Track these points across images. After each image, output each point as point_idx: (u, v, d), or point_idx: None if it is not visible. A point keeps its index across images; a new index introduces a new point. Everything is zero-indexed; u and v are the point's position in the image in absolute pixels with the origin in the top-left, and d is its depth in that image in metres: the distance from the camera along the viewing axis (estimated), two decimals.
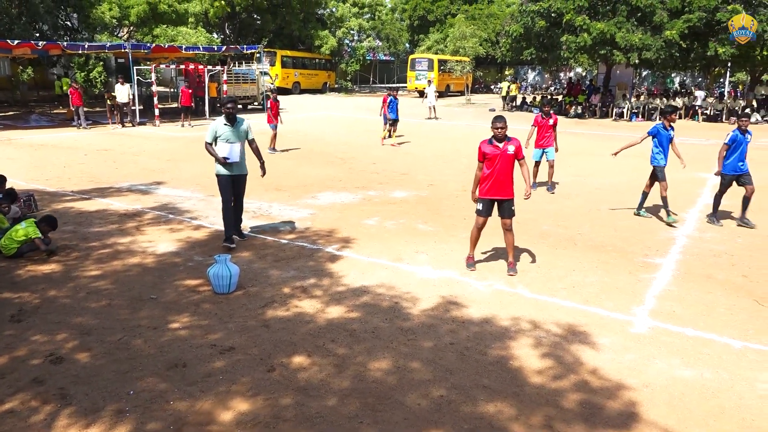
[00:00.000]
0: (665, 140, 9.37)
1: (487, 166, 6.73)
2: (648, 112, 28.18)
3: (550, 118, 11.27)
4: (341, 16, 48.27)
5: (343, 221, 9.05)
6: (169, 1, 29.21)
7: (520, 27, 28.91)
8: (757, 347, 5.12)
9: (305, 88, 43.99)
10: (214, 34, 41.68)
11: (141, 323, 5.45)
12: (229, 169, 7.57)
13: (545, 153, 11.39)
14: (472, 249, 7.08)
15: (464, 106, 35.73)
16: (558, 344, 5.13)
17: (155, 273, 6.77)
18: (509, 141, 6.67)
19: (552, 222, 9.21)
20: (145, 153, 15.88)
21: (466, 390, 4.37)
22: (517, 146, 6.70)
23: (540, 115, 11.39)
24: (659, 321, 5.62)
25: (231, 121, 7.49)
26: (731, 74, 39.48)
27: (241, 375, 4.55)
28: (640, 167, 14.37)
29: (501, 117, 6.72)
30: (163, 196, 10.69)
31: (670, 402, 4.27)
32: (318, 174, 13.01)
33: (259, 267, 6.99)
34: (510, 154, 6.66)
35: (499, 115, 6.79)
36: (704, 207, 10.26)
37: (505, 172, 6.72)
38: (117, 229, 8.52)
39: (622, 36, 25.03)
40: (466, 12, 51.97)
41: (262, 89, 28.64)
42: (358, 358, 4.84)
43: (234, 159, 7.54)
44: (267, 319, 5.58)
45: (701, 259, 7.53)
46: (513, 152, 6.66)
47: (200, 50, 26.41)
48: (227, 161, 7.47)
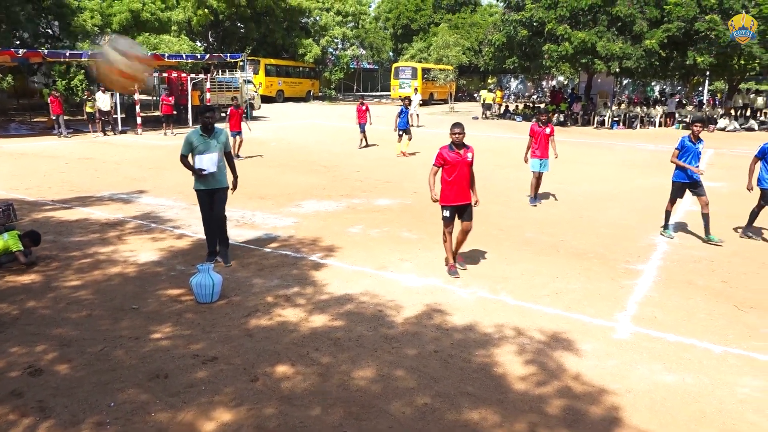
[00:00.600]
0: (692, 154, 8.64)
1: (448, 172, 6.88)
2: (629, 120, 28.52)
3: (546, 128, 10.91)
4: (325, 25, 48.35)
5: (327, 229, 9.04)
6: (151, 9, 29.09)
7: (503, 36, 29.18)
8: (737, 352, 5.18)
9: (289, 97, 43.96)
10: (198, 42, 41.53)
11: (122, 334, 5.39)
12: (204, 183, 7.11)
13: (542, 164, 10.95)
14: (450, 256, 7.12)
15: (448, 114, 35.89)
16: (541, 351, 5.16)
17: (137, 283, 6.70)
18: (467, 148, 6.91)
19: (535, 229, 9.27)
20: (127, 161, 15.76)
21: (451, 397, 4.37)
22: (474, 153, 6.97)
23: (536, 124, 11.02)
24: (641, 327, 5.67)
25: (208, 131, 7.06)
26: (710, 83, 40.18)
27: (223, 385, 4.51)
28: (622, 176, 14.55)
29: (459, 123, 6.89)
30: (146, 205, 10.61)
31: (653, 407, 4.30)
32: (302, 182, 12.98)
33: (243, 276, 6.96)
34: (469, 161, 6.88)
35: (458, 122, 6.95)
36: (685, 214, 10.40)
37: (466, 178, 6.93)
38: (98, 239, 8.44)
39: (603, 45, 25.36)
40: (449, 21, 52.39)
41: (245, 97, 28.58)
42: (342, 366, 4.82)
43: (210, 170, 7.03)
44: (250, 328, 5.54)
45: (682, 265, 7.61)
46: (471, 159, 6.90)
47: (183, 58, 26.30)
48: (203, 173, 7.01)
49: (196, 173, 7.05)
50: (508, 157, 17.44)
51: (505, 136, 23.99)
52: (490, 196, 11.65)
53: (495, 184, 13.08)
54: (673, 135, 25.24)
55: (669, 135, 25.16)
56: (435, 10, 56.26)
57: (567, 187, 12.79)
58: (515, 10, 29.55)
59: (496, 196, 11.76)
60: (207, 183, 7.12)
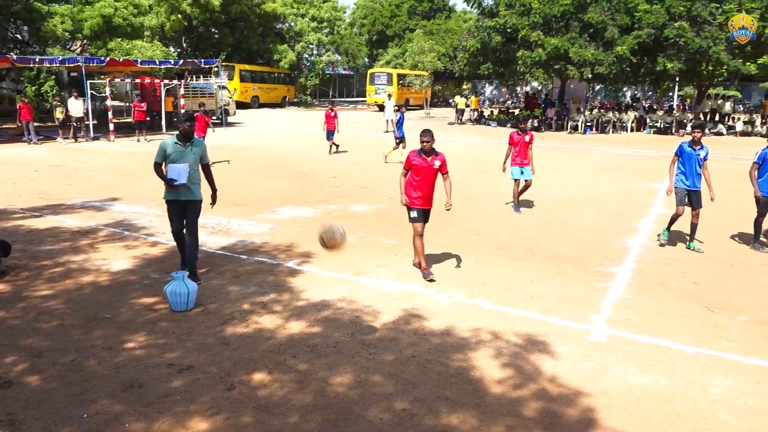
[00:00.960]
0: (689, 160, 8.43)
1: (415, 175, 6.99)
2: (601, 125, 28.95)
3: (526, 135, 10.81)
4: (300, 31, 48.31)
5: (304, 235, 9.00)
6: (124, 15, 28.72)
7: (477, 42, 29.45)
8: (709, 353, 5.27)
9: (264, 102, 43.78)
10: (171, 47, 41.13)
11: (95, 343, 5.30)
12: (176, 194, 6.73)
13: (522, 171, 10.84)
14: (423, 259, 7.17)
15: (423, 119, 36.05)
16: (518, 354, 5.19)
17: (110, 291, 6.60)
18: (436, 156, 6.98)
19: (511, 234, 9.34)
20: (100, 168, 15.52)
21: (429, 402, 4.38)
22: (443, 161, 7.01)
23: (516, 132, 10.88)
24: (615, 329, 5.75)
25: (185, 139, 6.74)
26: (679, 88, 40.97)
27: (199, 394, 4.45)
28: (596, 180, 14.75)
29: (427, 131, 6.95)
30: (118, 213, 10.46)
31: (627, 408, 4.36)
32: (278, 188, 12.92)
33: (218, 283, 6.89)
34: (435, 168, 6.98)
35: (426, 129, 7.02)
36: (656, 217, 10.57)
37: (431, 185, 7.06)
38: (69, 247, 8.29)
39: (576, 51, 25.75)
40: (424, 27, 52.70)
41: (220, 103, 28.40)
42: (320, 373, 4.80)
43: (181, 181, 6.67)
44: (226, 336, 5.49)
45: (654, 267, 7.73)
46: (438, 167, 6.99)
47: (156, 64, 26.03)
48: (174, 183, 6.66)
49: (168, 183, 6.72)
50: (484, 162, 17.58)
51: (481, 141, 24.19)
52: (465, 201, 11.73)
53: (471, 189, 13.16)
54: (644, 139, 25.70)
55: (641, 139, 25.60)
56: (410, 16, 56.60)
57: (541, 191, 12.92)
58: (489, 16, 29.85)
59: (472, 201, 11.84)
60: (178, 194, 6.75)
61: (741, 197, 11.61)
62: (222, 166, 15.97)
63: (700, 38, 24.83)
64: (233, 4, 40.37)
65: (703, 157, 8.37)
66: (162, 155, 6.71)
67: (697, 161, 8.37)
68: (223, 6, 39.31)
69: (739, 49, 25.78)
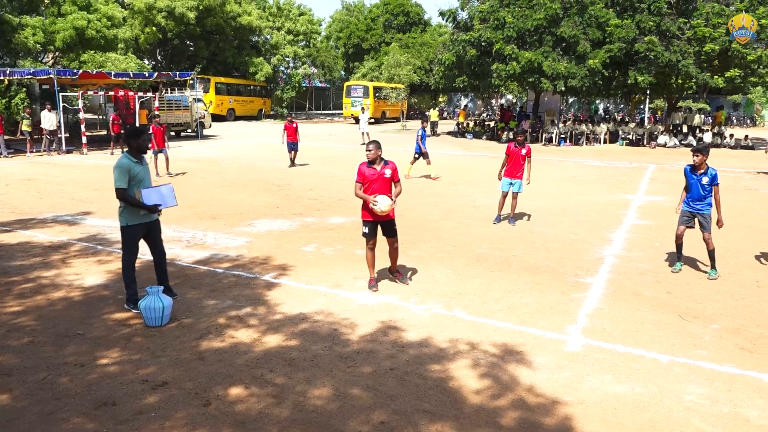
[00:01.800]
0: (691, 185, 7.94)
1: (366, 188, 6.95)
2: (575, 137, 29.36)
3: (522, 148, 10.66)
4: (276, 44, 48.36)
5: (280, 248, 8.95)
6: (97, 27, 28.44)
7: (453, 55, 29.72)
8: (683, 360, 5.35)
9: (240, 115, 43.64)
10: (146, 60, 40.88)
11: (67, 360, 5.19)
12: (144, 217, 6.30)
13: (512, 184, 10.81)
14: (371, 271, 7.21)
15: (400, 132, 36.22)
16: (495, 365, 5.21)
17: (82, 307, 6.47)
18: (386, 164, 6.98)
19: (487, 245, 9.40)
20: (72, 182, 15.28)
21: (407, 415, 4.36)
22: (393, 169, 6.99)
23: (513, 144, 10.76)
24: (591, 339, 5.80)
25: (140, 156, 6.30)
26: (650, 101, 41.80)
27: (174, 410, 4.38)
28: (570, 191, 14.91)
29: (372, 141, 7.01)
30: (91, 227, 10.29)
31: (604, 417, 4.39)
32: (254, 201, 12.84)
33: (194, 297, 6.81)
34: (386, 177, 6.95)
35: (372, 140, 7.08)
36: (630, 227, 10.72)
37: (385, 194, 6.94)
38: (41, 263, 8.13)
39: (549, 64, 26.13)
40: (399, 40, 53.09)
41: (196, 116, 28.21)
42: (298, 387, 4.76)
43: (169, 204, 6.39)
44: (202, 350, 5.42)
45: (629, 277, 7.83)
46: (389, 175, 6.96)
47: (130, 76, 25.79)
48: (159, 209, 6.31)
49: (152, 210, 6.25)
50: (461, 173, 17.68)
51: (458, 153, 24.34)
52: (442, 213, 11.78)
53: (448, 201, 13.23)
54: (617, 151, 26.11)
55: (613, 151, 26.01)
56: (385, 29, 57.01)
57: (519, 202, 13.01)
58: (464, 30, 30.18)
59: (448, 212, 11.90)
60: (146, 216, 6.32)
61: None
62: (200, 178, 15.84)
63: (669, 52, 25.39)
64: (208, 16, 40.29)
65: (707, 183, 7.75)
66: (126, 178, 6.10)
67: (700, 186, 7.79)
68: (198, 19, 39.21)
69: (707, 62, 26.39)
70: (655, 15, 25.89)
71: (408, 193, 13.74)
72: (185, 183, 15.19)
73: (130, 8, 37.77)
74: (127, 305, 6.38)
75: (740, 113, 49.89)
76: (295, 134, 18.67)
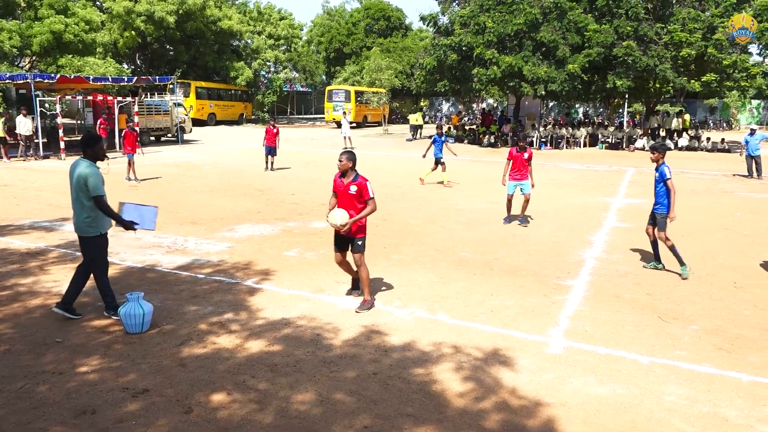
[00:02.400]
0: (655, 181, 8.17)
1: (336, 197, 6.65)
2: (555, 141, 29.62)
3: (524, 152, 11.14)
4: (257, 48, 48.20)
5: (262, 254, 8.90)
6: (74, 31, 28.11)
7: (434, 60, 29.84)
8: (663, 362, 5.41)
9: (221, 120, 43.41)
10: (125, 64, 40.52)
11: (45, 369, 5.11)
12: (107, 224, 6.17)
13: (520, 186, 11.20)
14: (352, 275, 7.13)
15: (382, 136, 36.27)
16: (478, 367, 5.22)
17: (61, 315, 6.37)
18: (354, 180, 6.48)
19: (470, 249, 9.43)
20: (50, 188, 15.06)
21: (391, 419, 4.36)
22: (360, 186, 6.45)
23: (515, 148, 11.25)
24: (573, 341, 5.84)
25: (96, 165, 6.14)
26: (629, 105, 42.33)
27: (156, 418, 4.33)
28: (551, 194, 15.03)
29: (345, 152, 6.63)
30: (70, 233, 10.14)
31: (586, 419, 4.42)
32: (235, 206, 12.77)
33: (175, 303, 6.74)
34: (351, 194, 6.48)
35: (344, 151, 6.73)
36: (610, 230, 10.83)
37: (348, 209, 6.51)
38: (18, 270, 8.00)
39: (529, 69, 26.35)
40: (381, 45, 53.21)
41: (176, 121, 27.99)
42: (281, 392, 4.73)
43: (147, 227, 6.30)
44: (183, 357, 5.36)
45: (609, 279, 7.91)
46: (354, 192, 6.47)
47: (109, 81, 25.52)
48: (135, 229, 6.22)
49: (126, 226, 6.11)
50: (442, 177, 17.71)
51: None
52: (425, 217, 11.81)
53: (430, 205, 13.26)
54: (596, 155, 26.39)
55: (593, 155, 26.27)
56: (367, 34, 57.12)
57: (499, 206, 13.10)
58: (445, 35, 30.31)
59: (431, 217, 11.93)
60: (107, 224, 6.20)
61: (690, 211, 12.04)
62: (180, 183, 15.70)
63: (647, 57, 25.73)
64: (188, 21, 40.07)
65: (657, 179, 8.07)
66: (103, 185, 6.00)
67: (655, 184, 8.15)
68: (178, 23, 38.96)
69: (684, 67, 26.79)
70: (633, 20, 26.24)
71: (391, 197, 13.76)
72: (165, 188, 15.06)
73: (108, 12, 37.45)
74: (107, 312, 6.29)
75: (717, 117, 50.68)
76: (274, 139, 18.59)
